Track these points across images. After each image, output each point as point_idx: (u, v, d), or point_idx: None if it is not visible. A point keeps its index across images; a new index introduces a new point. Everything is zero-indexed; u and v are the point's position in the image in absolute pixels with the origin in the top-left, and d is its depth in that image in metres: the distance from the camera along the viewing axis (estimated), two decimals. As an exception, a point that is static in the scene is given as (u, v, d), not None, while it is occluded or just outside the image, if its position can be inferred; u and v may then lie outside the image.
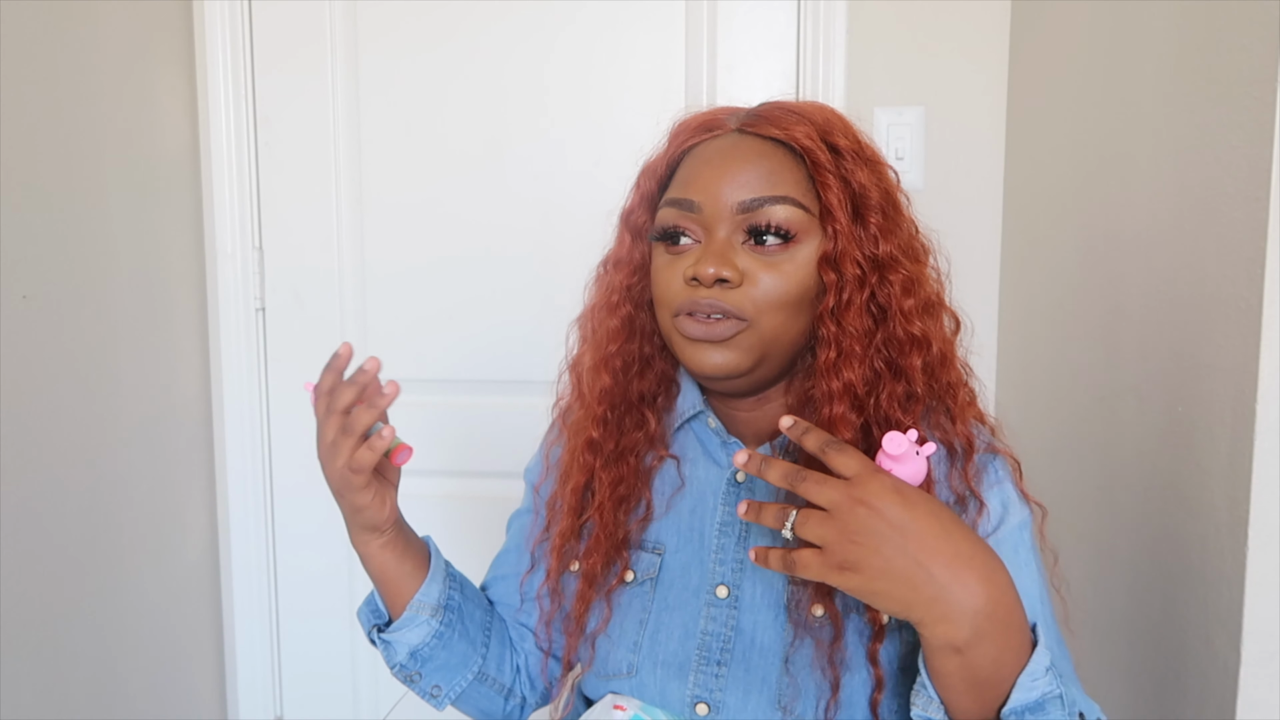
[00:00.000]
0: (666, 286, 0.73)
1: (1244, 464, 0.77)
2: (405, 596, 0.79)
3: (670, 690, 0.74)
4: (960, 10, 1.38)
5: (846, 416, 0.71)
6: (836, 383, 0.71)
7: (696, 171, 0.73)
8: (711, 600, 0.76)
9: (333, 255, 1.55)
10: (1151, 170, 0.95)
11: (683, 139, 0.76)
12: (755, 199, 0.70)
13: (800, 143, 0.71)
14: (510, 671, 0.85)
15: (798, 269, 0.71)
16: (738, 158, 0.72)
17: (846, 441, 0.69)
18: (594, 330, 0.81)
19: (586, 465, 0.80)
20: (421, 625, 0.79)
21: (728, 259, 0.70)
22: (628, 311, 0.80)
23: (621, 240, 0.80)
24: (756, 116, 0.74)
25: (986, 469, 0.75)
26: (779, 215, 0.70)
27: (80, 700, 1.30)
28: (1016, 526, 0.74)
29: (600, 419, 0.79)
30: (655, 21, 1.44)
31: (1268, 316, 0.74)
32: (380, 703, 1.64)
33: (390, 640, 0.80)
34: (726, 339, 0.71)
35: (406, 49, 1.49)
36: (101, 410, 1.33)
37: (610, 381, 0.79)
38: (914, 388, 0.73)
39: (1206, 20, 0.84)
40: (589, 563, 0.79)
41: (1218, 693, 0.81)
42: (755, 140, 0.73)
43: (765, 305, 0.70)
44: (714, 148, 0.74)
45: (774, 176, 0.71)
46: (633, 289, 0.79)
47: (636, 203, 0.79)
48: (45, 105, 1.21)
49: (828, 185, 0.71)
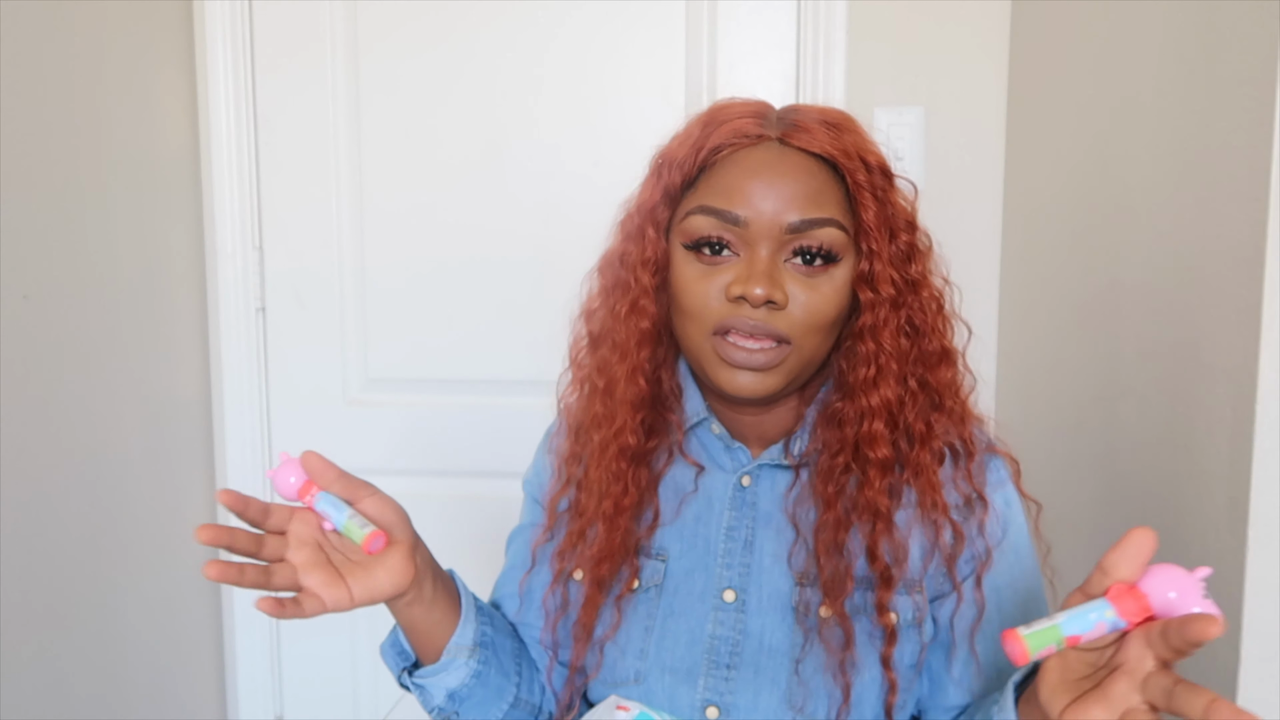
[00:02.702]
0: (703, 302, 0.70)
1: (1244, 464, 0.77)
2: (437, 642, 0.75)
3: (679, 695, 0.74)
4: (960, 10, 1.38)
5: (883, 433, 0.71)
6: (875, 399, 0.71)
7: (739, 183, 0.70)
8: (719, 605, 0.75)
9: (333, 255, 1.55)
10: (1151, 170, 0.95)
11: (717, 140, 0.72)
12: (805, 220, 0.68)
13: (841, 161, 0.70)
14: (539, 691, 0.83)
15: (836, 290, 0.70)
16: (785, 174, 0.69)
17: (885, 457, 0.71)
18: (622, 336, 0.76)
19: (622, 474, 0.76)
20: (460, 668, 0.75)
21: (777, 280, 0.68)
22: (655, 313, 0.75)
23: (644, 236, 0.75)
24: (795, 127, 0.71)
25: (989, 469, 0.76)
26: (826, 238, 0.69)
27: (80, 700, 1.30)
28: (1019, 530, 0.76)
29: (636, 427, 0.76)
30: (655, 21, 1.44)
31: (1268, 316, 0.74)
32: (380, 703, 1.64)
33: (426, 684, 0.76)
34: (769, 367, 0.70)
35: (406, 49, 1.49)
36: (102, 410, 1.33)
37: (646, 387, 0.76)
38: (942, 400, 0.74)
39: (1206, 20, 0.84)
40: (600, 570, 0.77)
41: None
42: (798, 155, 0.70)
43: (808, 327, 0.70)
44: (757, 159, 0.70)
45: (820, 196, 0.69)
46: (658, 290, 0.75)
47: (658, 196, 0.74)
48: (46, 105, 1.21)
49: (866, 205, 0.70)
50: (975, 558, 0.74)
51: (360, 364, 1.57)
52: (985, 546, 0.74)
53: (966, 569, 0.75)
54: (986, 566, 0.74)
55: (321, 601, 0.65)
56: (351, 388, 1.58)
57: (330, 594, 0.65)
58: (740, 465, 0.78)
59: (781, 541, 0.76)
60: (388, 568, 0.68)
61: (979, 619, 0.74)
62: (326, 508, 0.66)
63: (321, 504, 0.66)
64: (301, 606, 0.64)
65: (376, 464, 1.58)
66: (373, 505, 0.68)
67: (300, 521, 0.67)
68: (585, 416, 0.81)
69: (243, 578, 0.62)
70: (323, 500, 0.66)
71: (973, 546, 0.74)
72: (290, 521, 0.67)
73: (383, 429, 1.58)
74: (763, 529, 0.76)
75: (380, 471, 1.59)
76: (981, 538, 0.74)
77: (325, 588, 0.65)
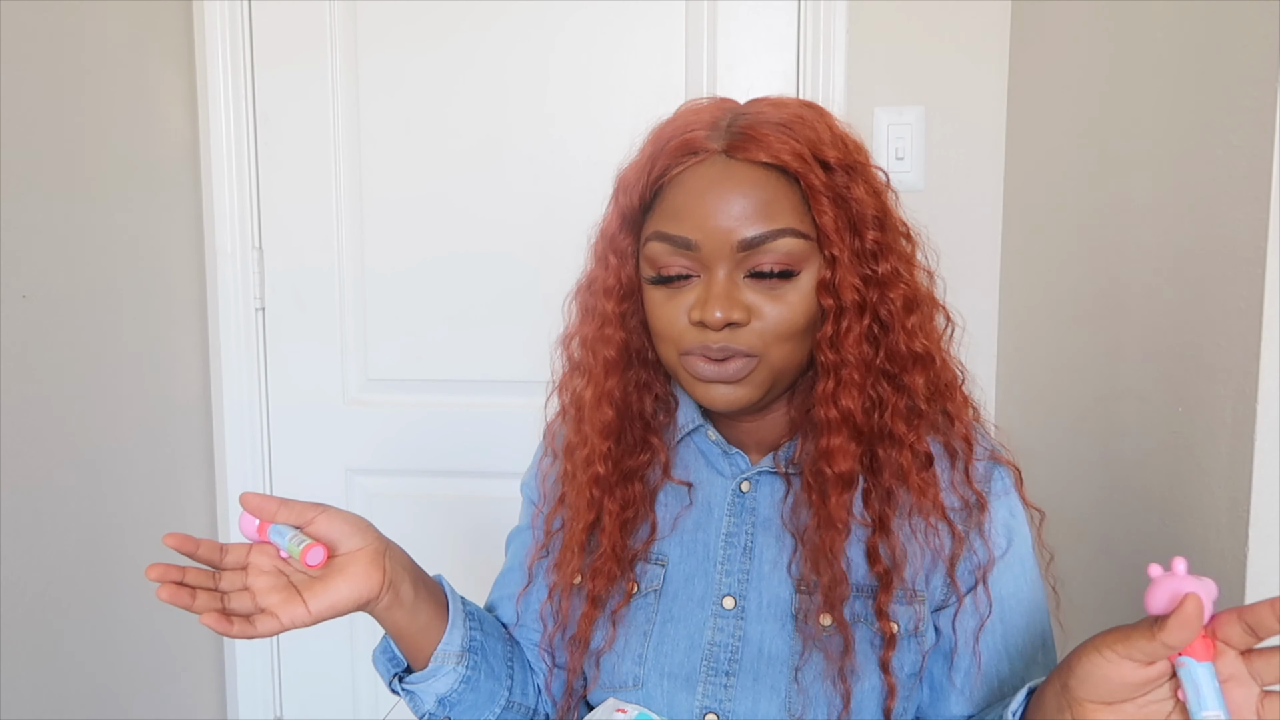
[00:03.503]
0: (670, 325, 0.70)
1: (1244, 464, 0.77)
2: (426, 649, 0.75)
3: (678, 701, 0.74)
4: (960, 10, 1.38)
5: (845, 446, 0.70)
6: (834, 412, 0.70)
7: (687, 205, 0.68)
8: (718, 611, 0.75)
9: (333, 255, 1.55)
10: (1152, 170, 0.95)
11: (664, 161, 0.71)
12: (756, 235, 0.67)
13: (791, 166, 0.67)
14: (533, 693, 0.83)
15: (801, 298, 0.69)
16: (730, 189, 0.67)
17: (844, 471, 0.70)
18: (589, 362, 0.78)
19: (595, 501, 0.77)
20: (448, 674, 0.75)
21: (735, 299, 0.68)
22: (622, 339, 0.76)
23: (606, 263, 0.75)
24: (742, 137, 0.68)
25: (993, 477, 0.75)
26: (782, 249, 0.67)
27: (80, 700, 1.30)
28: (1022, 541, 0.75)
29: (605, 455, 0.76)
30: (655, 21, 1.44)
31: (1268, 316, 0.74)
32: (380, 703, 1.64)
33: (415, 690, 0.76)
34: (740, 379, 0.69)
35: (406, 49, 1.49)
36: (101, 410, 1.33)
37: (613, 415, 0.76)
38: (917, 403, 0.72)
39: (1206, 20, 0.84)
40: (594, 585, 0.77)
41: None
42: (745, 167, 0.68)
43: (773, 338, 0.69)
44: (702, 176, 0.68)
45: (771, 207, 0.67)
46: (625, 315, 0.76)
47: (618, 225, 0.74)
48: (45, 105, 1.21)
49: (823, 210, 0.68)
50: (977, 563, 0.74)
51: (360, 364, 1.57)
52: (987, 552, 0.74)
53: (968, 575, 0.74)
54: (989, 571, 0.74)
55: (277, 619, 0.65)
56: (351, 387, 1.58)
57: (286, 611, 0.65)
58: (739, 471, 0.78)
59: (781, 548, 0.75)
60: (349, 576, 0.67)
61: (982, 625, 0.74)
62: (274, 537, 0.67)
63: (271, 534, 0.67)
64: (253, 624, 0.64)
65: (376, 464, 1.58)
66: (324, 522, 0.68)
67: (259, 553, 0.68)
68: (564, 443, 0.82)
69: (193, 602, 0.63)
70: (272, 531, 0.67)
71: (973, 551, 0.74)
72: (249, 555, 0.68)
73: (382, 429, 1.57)
74: (762, 535, 0.76)
75: (380, 471, 1.60)
76: (983, 542, 0.74)
77: (281, 606, 0.65)
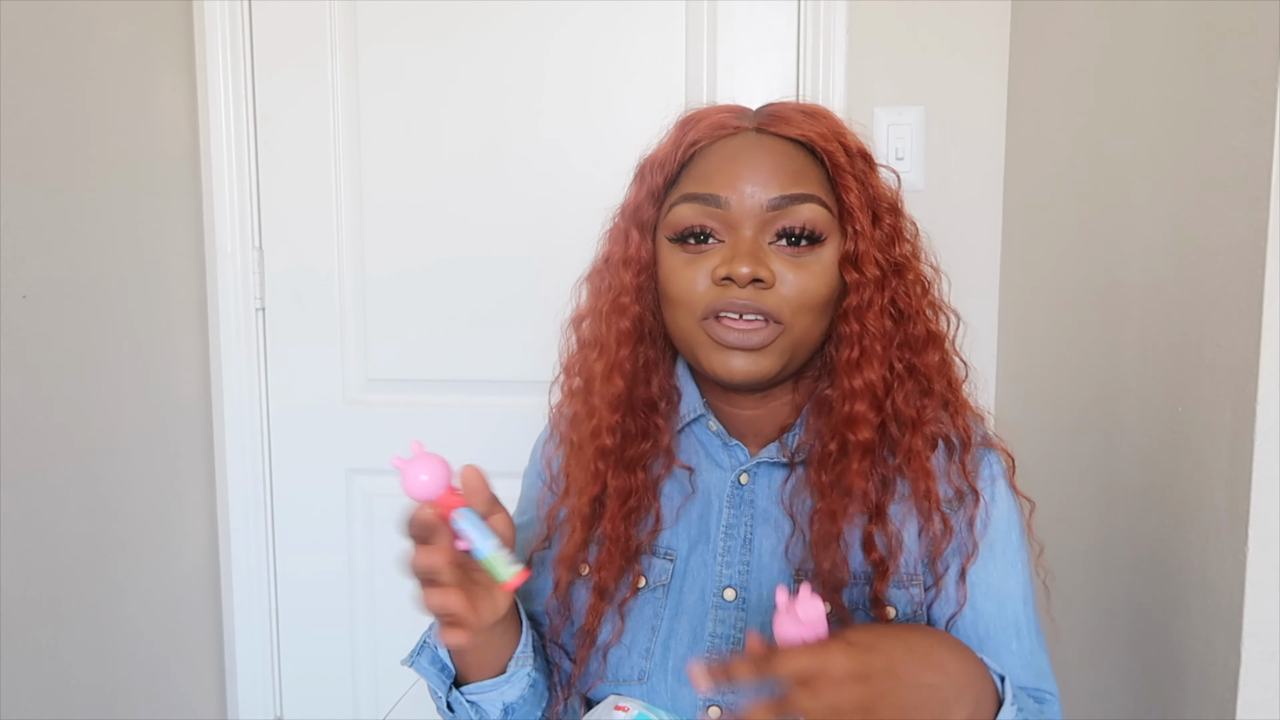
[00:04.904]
0: (689, 288, 0.71)
1: (1244, 464, 0.77)
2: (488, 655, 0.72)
3: (682, 695, 0.74)
4: (960, 10, 1.38)
5: (866, 415, 0.71)
6: (858, 381, 0.71)
7: (718, 167, 0.71)
8: (719, 603, 0.75)
9: (333, 255, 1.55)
10: (1151, 170, 0.95)
11: (694, 136, 0.73)
12: (784, 196, 0.69)
13: (819, 144, 0.71)
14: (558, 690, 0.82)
15: (825, 269, 0.71)
16: (762, 154, 0.70)
17: (866, 439, 0.70)
18: (602, 333, 0.77)
19: (600, 474, 0.76)
20: (522, 679, 0.73)
21: (762, 259, 0.69)
22: (637, 312, 0.76)
23: (627, 237, 0.76)
24: (772, 116, 0.73)
25: (983, 463, 0.76)
26: (808, 214, 0.69)
27: (80, 700, 1.30)
28: (1006, 528, 0.75)
29: (613, 427, 0.76)
30: (655, 21, 1.44)
31: (1268, 316, 0.74)
32: (380, 703, 1.64)
33: (479, 700, 0.73)
34: (762, 347, 0.70)
35: (406, 49, 1.49)
36: (101, 410, 1.33)
37: (623, 386, 0.76)
38: (930, 385, 0.73)
39: (1206, 20, 0.84)
40: (601, 576, 0.76)
41: (1218, 693, 0.81)
42: (775, 139, 0.72)
43: (798, 307, 0.70)
44: (735, 144, 0.72)
45: (800, 175, 0.70)
46: (641, 289, 0.76)
47: (642, 197, 0.75)
48: (45, 105, 1.21)
49: (848, 187, 0.70)
50: (960, 552, 0.74)
51: (360, 364, 1.57)
52: (973, 542, 0.74)
53: (950, 562, 0.74)
54: (971, 561, 0.74)
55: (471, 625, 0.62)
56: (351, 388, 1.58)
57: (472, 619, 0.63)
58: (738, 463, 0.78)
59: (779, 538, 0.76)
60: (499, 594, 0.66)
61: (956, 614, 0.74)
62: (470, 530, 0.61)
63: (465, 524, 0.61)
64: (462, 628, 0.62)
65: (376, 464, 1.58)
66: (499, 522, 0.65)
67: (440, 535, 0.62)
68: (570, 417, 0.81)
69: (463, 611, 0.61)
70: (467, 520, 0.61)
71: (959, 540, 0.74)
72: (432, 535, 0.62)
73: (382, 429, 1.57)
74: (761, 526, 0.77)
75: (380, 471, 1.60)
76: (969, 533, 0.74)
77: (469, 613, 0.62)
